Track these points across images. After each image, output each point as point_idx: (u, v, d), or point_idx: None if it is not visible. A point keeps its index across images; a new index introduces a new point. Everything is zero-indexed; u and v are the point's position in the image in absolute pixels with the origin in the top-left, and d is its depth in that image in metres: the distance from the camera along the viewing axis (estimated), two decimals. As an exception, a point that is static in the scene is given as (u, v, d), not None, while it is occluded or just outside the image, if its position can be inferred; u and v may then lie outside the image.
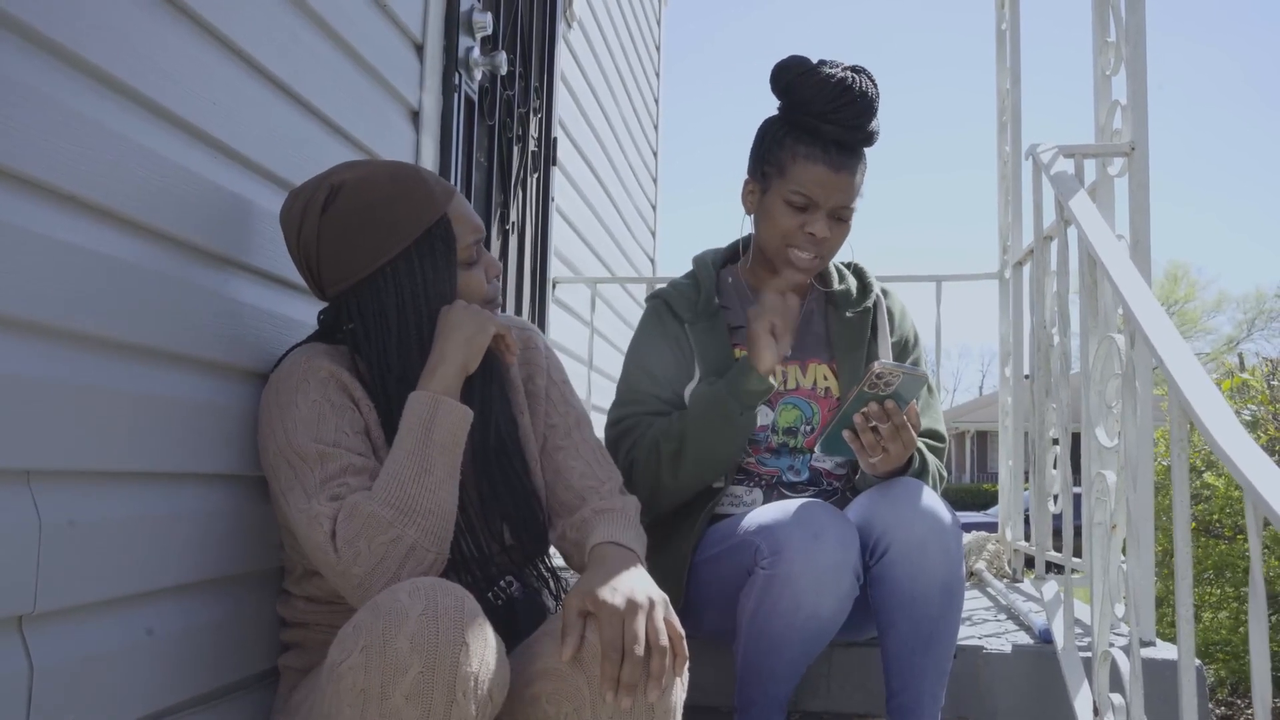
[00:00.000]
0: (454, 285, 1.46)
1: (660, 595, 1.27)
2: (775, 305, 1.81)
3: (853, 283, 2.05)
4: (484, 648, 1.16)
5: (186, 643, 1.39)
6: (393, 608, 1.15)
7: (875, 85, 1.89)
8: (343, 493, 1.32)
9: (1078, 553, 2.17)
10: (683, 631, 1.26)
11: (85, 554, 1.19)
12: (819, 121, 1.86)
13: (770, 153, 1.91)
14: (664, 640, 1.22)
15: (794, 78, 1.88)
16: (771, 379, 1.81)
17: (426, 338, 1.43)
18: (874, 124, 1.89)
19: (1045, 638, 2.02)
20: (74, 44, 1.17)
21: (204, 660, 1.43)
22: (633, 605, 1.23)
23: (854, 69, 1.88)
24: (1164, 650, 1.93)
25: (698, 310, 1.96)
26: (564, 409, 1.60)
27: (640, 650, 1.20)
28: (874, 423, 1.68)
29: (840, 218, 1.89)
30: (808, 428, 1.92)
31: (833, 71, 1.86)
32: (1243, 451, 1.19)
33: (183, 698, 1.38)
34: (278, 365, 1.46)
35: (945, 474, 1.97)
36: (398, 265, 1.43)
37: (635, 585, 1.27)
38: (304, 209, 1.45)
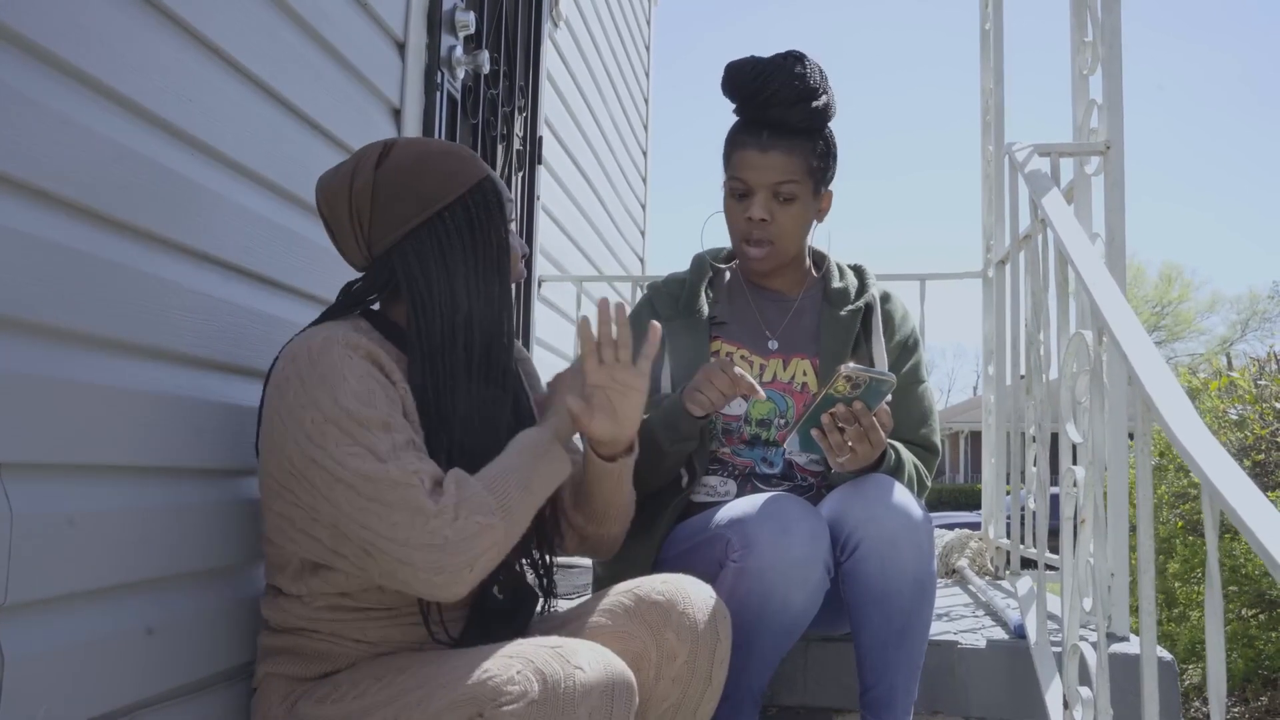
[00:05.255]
0: (505, 234, 1.48)
1: None
2: (741, 379, 1.74)
3: (852, 282, 2.07)
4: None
5: (162, 636, 1.40)
6: (573, 674, 1.19)
7: (805, 67, 1.91)
8: (433, 467, 1.31)
9: (1056, 550, 2.18)
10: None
11: (58, 546, 1.21)
12: (746, 108, 1.94)
13: (724, 150, 1.99)
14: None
15: (726, 74, 1.96)
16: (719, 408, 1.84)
17: (476, 288, 1.44)
18: (800, 103, 1.89)
19: (1019, 633, 2.03)
20: (47, 41, 1.18)
21: (179, 653, 1.43)
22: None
23: (785, 54, 1.92)
24: (1136, 645, 1.95)
25: (679, 306, 2.00)
26: None
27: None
28: (841, 424, 1.69)
29: (783, 197, 1.91)
30: (781, 420, 1.94)
31: (757, 58, 1.93)
32: (1201, 447, 1.20)
33: (157, 690, 1.39)
34: (290, 343, 1.40)
35: (928, 482, 1.98)
36: (454, 210, 1.44)
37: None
38: (354, 168, 1.45)
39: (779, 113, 1.90)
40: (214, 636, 1.51)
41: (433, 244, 1.42)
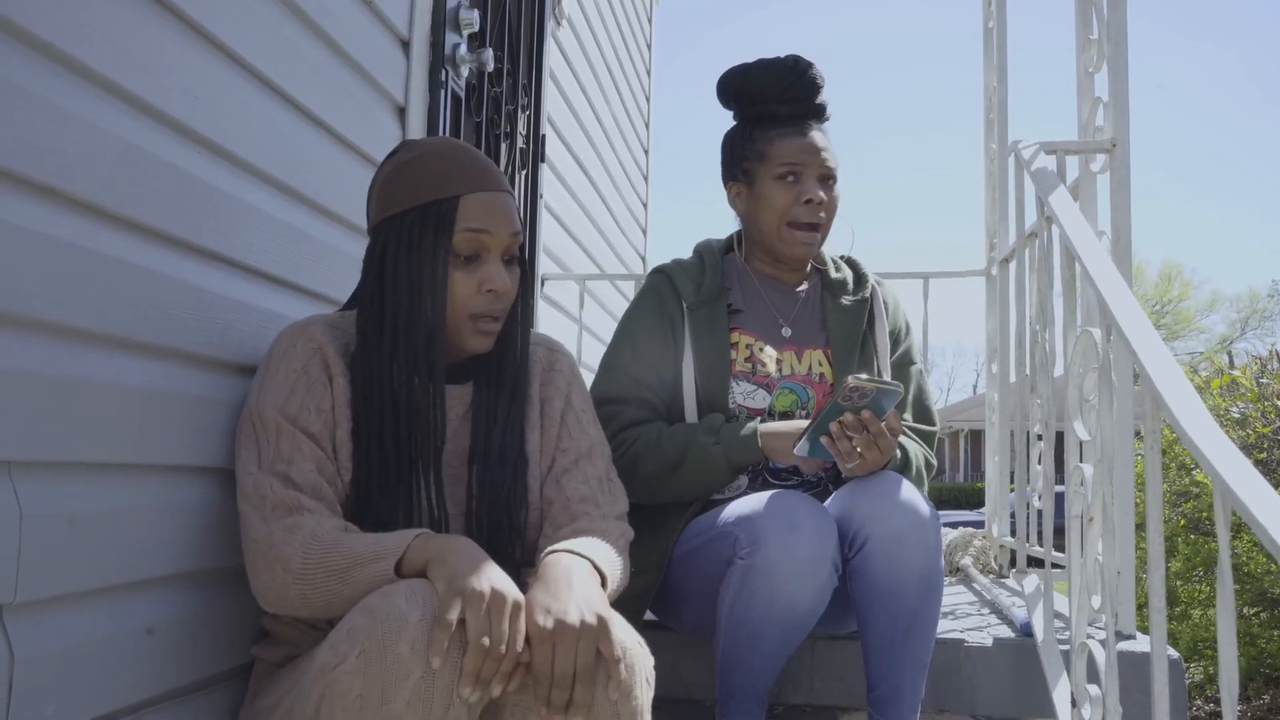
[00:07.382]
0: (436, 265, 1.44)
1: (594, 617, 1.20)
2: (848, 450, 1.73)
3: (848, 273, 2.10)
4: None
5: (168, 635, 1.40)
6: (390, 613, 1.15)
7: (814, 64, 2.03)
8: (293, 496, 1.35)
9: (1062, 548, 2.18)
10: (618, 655, 1.19)
11: (66, 545, 1.20)
12: (777, 105, 1.99)
13: (744, 150, 2.01)
14: (582, 665, 1.17)
15: (741, 77, 2.01)
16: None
17: (402, 309, 1.44)
18: (825, 96, 2.02)
19: (1026, 631, 2.03)
20: (51, 36, 1.18)
21: (185, 652, 1.43)
22: (561, 630, 1.18)
23: (790, 56, 2.01)
24: (1143, 643, 1.95)
25: (701, 294, 1.99)
26: (578, 434, 1.58)
27: (565, 679, 1.16)
28: (849, 433, 1.70)
29: (829, 179, 1.99)
30: (803, 412, 1.95)
31: (774, 59, 2.00)
32: (1213, 445, 1.19)
33: (164, 689, 1.39)
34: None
35: (934, 461, 1.99)
36: (399, 222, 1.46)
37: (568, 606, 1.21)
38: (384, 159, 1.56)
39: (813, 101, 2.00)
40: (214, 637, 1.50)
41: (385, 241, 1.47)
